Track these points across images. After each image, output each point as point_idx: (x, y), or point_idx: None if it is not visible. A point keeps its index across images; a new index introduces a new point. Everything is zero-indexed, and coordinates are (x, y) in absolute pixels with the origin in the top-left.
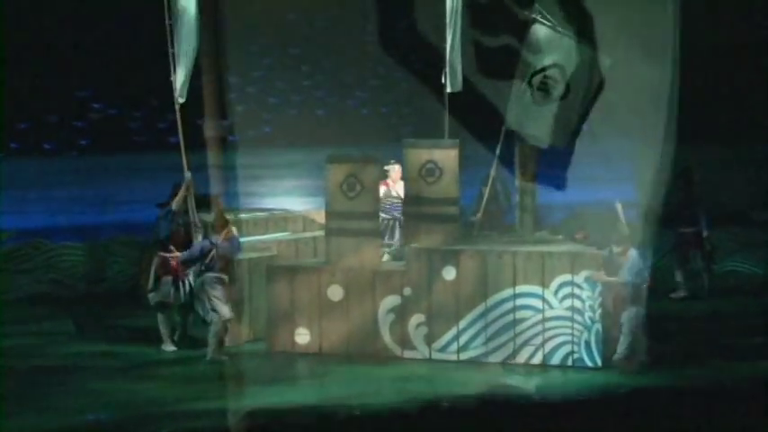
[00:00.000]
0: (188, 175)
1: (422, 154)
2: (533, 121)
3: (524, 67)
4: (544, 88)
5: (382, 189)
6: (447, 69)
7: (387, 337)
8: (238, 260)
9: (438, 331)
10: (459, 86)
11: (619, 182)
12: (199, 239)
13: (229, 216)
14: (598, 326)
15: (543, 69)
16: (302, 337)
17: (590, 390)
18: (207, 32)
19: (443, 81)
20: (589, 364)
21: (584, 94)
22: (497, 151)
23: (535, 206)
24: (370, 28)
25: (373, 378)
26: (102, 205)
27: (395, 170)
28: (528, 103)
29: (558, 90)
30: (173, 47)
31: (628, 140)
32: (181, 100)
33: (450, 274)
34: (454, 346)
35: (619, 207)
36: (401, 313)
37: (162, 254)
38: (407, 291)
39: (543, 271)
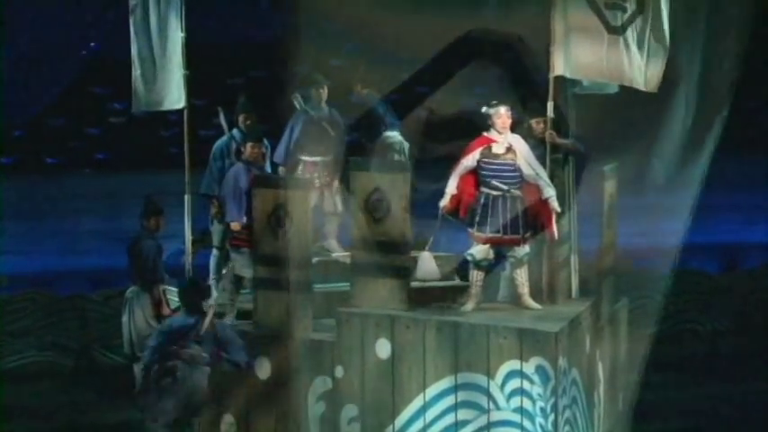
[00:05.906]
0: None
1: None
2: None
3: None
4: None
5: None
6: None
7: None
8: None
9: (373, 431)
10: None
11: None
12: None
13: None
14: None
15: None
16: (229, 426)
17: None
18: None
19: None
20: None
21: None
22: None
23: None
24: None
25: None
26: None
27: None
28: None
29: None
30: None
31: None
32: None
33: (384, 350)
34: None
35: None
36: (332, 403)
37: None
38: (339, 371)
39: (488, 354)
